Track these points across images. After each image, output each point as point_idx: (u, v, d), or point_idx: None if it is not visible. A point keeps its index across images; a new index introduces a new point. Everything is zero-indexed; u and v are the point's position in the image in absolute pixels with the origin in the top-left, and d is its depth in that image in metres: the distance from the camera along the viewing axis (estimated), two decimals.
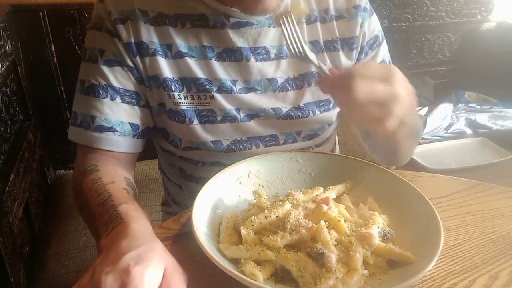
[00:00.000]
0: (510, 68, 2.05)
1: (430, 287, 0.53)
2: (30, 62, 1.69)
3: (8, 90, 1.42)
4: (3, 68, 1.37)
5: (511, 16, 2.21)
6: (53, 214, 1.54)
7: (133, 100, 0.75)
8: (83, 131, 0.74)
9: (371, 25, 0.83)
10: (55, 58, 1.73)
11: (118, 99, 0.74)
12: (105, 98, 0.73)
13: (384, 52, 0.87)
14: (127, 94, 0.74)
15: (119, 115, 0.74)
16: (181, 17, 0.74)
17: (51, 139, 1.86)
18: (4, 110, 1.36)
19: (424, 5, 2.07)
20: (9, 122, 1.40)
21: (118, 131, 0.74)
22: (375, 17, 0.85)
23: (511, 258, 0.58)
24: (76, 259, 1.30)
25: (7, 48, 1.46)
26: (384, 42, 0.87)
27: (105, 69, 0.73)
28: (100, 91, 0.73)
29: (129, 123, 0.75)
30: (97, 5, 0.75)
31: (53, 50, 1.71)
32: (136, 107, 0.76)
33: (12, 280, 1.14)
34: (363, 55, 0.84)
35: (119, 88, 0.74)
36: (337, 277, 0.50)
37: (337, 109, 0.85)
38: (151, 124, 0.79)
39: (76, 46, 1.74)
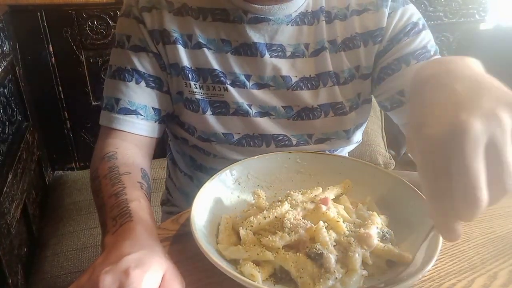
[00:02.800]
0: (509, 67, 2.06)
1: (429, 287, 0.53)
2: (28, 63, 1.68)
3: (6, 90, 1.42)
4: (0, 69, 1.37)
5: (509, 16, 2.21)
6: (51, 215, 1.54)
7: (157, 86, 0.78)
8: (107, 113, 0.77)
9: (407, 13, 0.78)
10: (53, 58, 1.72)
11: (142, 83, 0.76)
12: (130, 81, 0.76)
13: (425, 39, 0.77)
14: (151, 79, 0.77)
15: (143, 99, 0.76)
16: (204, 10, 0.76)
17: (49, 139, 1.86)
18: (2, 110, 1.36)
19: (423, 5, 2.07)
20: (7, 122, 1.39)
21: (141, 115, 0.76)
22: (411, 6, 0.80)
23: (509, 258, 0.58)
24: (75, 260, 1.30)
25: (4, 48, 1.46)
26: (427, 31, 0.79)
27: (131, 54, 0.76)
28: (126, 74, 0.76)
29: (152, 107, 0.78)
30: None
31: (51, 50, 1.71)
32: (159, 93, 0.78)
33: (9, 281, 1.14)
34: (395, 43, 0.77)
35: (144, 72, 0.76)
36: (336, 278, 0.49)
37: (352, 116, 0.80)
38: (171, 110, 0.81)
39: (74, 47, 1.74)
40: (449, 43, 2.20)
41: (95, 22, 1.72)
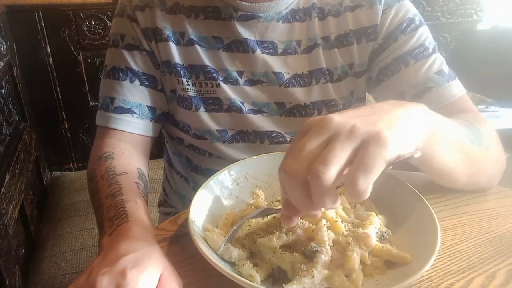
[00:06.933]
0: (506, 67, 2.06)
1: (428, 287, 0.53)
2: (26, 63, 1.68)
3: (3, 91, 1.42)
4: None
5: (506, 17, 2.22)
6: (49, 215, 1.53)
7: (151, 84, 0.78)
8: (102, 113, 0.77)
9: (402, 9, 0.76)
10: (51, 58, 1.72)
11: (136, 82, 0.77)
12: (124, 80, 0.76)
13: (422, 36, 0.75)
14: (145, 77, 0.77)
15: (137, 97, 0.77)
16: (196, 9, 0.77)
17: (47, 140, 1.85)
18: None
19: (420, 5, 2.08)
20: (5, 123, 1.39)
21: (136, 113, 0.77)
22: (407, 2, 0.77)
23: (508, 257, 0.58)
24: (73, 261, 1.30)
25: (2, 49, 1.45)
26: (424, 27, 0.77)
27: (125, 53, 0.77)
28: (120, 73, 0.76)
29: (147, 106, 0.78)
30: None
31: (49, 50, 1.71)
32: (154, 91, 0.79)
33: (7, 282, 1.14)
34: (391, 41, 0.76)
35: (138, 71, 0.77)
36: (313, 276, 0.49)
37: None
38: (166, 109, 0.82)
39: (71, 47, 1.73)
40: (446, 43, 2.21)
41: (93, 22, 1.72)
